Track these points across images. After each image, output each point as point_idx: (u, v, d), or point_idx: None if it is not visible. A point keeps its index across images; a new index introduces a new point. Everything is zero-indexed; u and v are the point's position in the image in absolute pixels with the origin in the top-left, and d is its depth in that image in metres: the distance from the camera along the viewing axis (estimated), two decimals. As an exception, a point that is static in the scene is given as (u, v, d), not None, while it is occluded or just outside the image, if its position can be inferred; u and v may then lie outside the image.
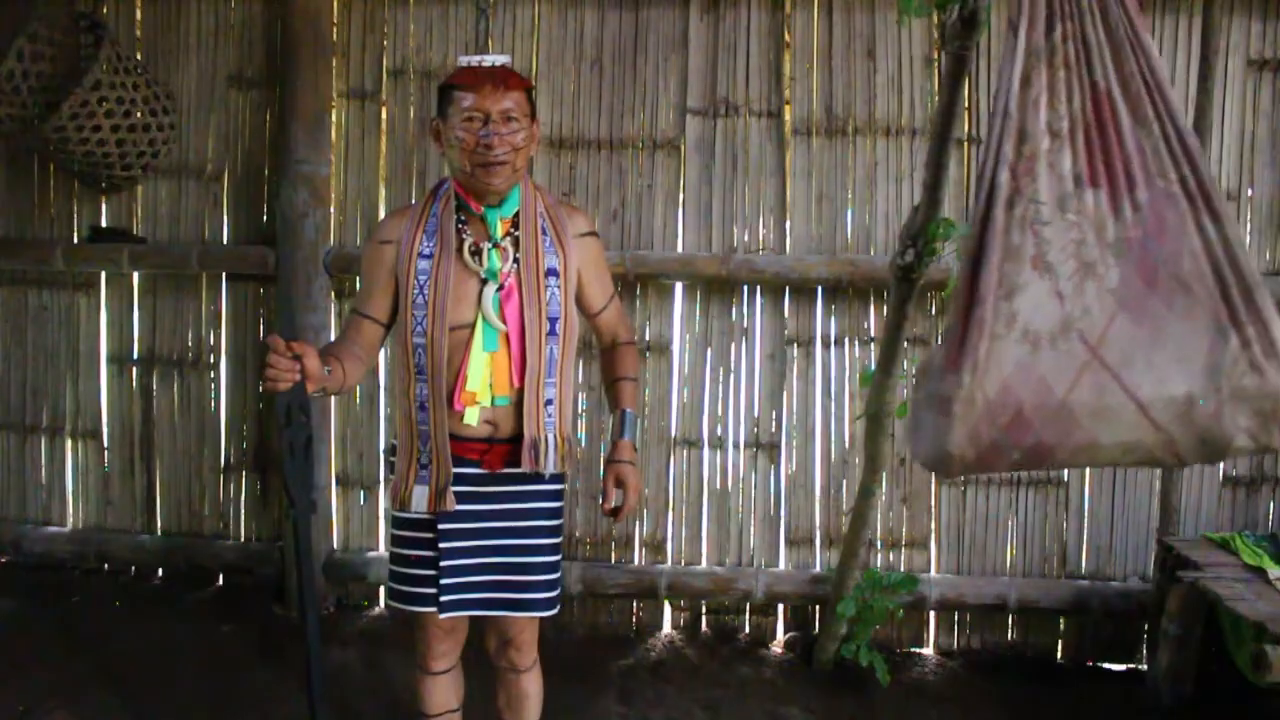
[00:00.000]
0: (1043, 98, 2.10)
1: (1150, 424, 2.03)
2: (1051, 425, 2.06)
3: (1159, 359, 2.03)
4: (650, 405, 4.00)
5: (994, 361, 2.07)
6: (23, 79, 3.93)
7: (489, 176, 2.30)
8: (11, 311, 4.35)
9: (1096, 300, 2.05)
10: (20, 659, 3.57)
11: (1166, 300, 2.04)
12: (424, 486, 2.42)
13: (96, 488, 4.36)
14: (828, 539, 3.97)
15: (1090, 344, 2.04)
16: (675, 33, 3.93)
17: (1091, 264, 2.07)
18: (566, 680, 3.59)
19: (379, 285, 2.45)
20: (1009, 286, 2.09)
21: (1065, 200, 2.09)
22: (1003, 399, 2.06)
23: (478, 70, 2.32)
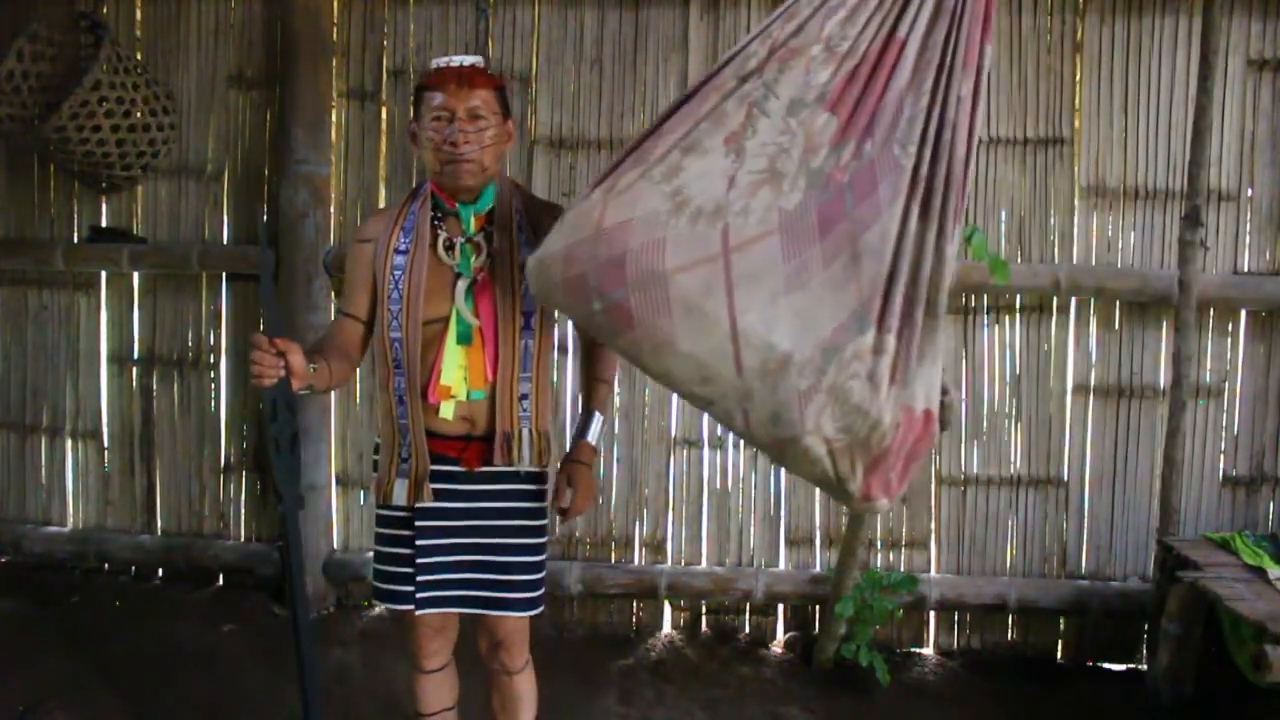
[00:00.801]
0: (841, 12, 2.03)
1: (734, 359, 1.90)
2: (644, 292, 1.93)
3: (784, 303, 1.90)
4: (650, 405, 4.01)
5: (631, 196, 1.98)
6: (23, 79, 3.94)
7: (457, 173, 2.33)
8: (11, 311, 4.35)
9: (762, 209, 1.95)
10: (20, 659, 3.57)
11: (829, 256, 1.93)
12: (405, 480, 2.44)
13: (96, 488, 4.36)
14: (827, 539, 3.98)
15: (728, 243, 1.93)
16: (675, 33, 3.93)
17: (780, 175, 1.97)
18: (567, 680, 3.60)
19: (359, 283, 2.47)
20: (692, 142, 2.01)
21: (796, 107, 2.01)
22: (615, 234, 1.96)
23: (445, 70, 2.35)
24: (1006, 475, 3.92)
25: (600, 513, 4.04)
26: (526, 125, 3.99)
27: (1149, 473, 3.85)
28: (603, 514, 4.04)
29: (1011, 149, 3.85)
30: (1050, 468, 3.91)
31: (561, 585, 3.96)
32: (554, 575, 3.96)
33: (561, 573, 3.96)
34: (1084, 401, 3.89)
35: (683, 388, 2.01)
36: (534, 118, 3.98)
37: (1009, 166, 3.85)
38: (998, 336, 3.91)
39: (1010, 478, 3.92)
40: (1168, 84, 3.79)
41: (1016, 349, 3.90)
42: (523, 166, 3.98)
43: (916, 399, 1.93)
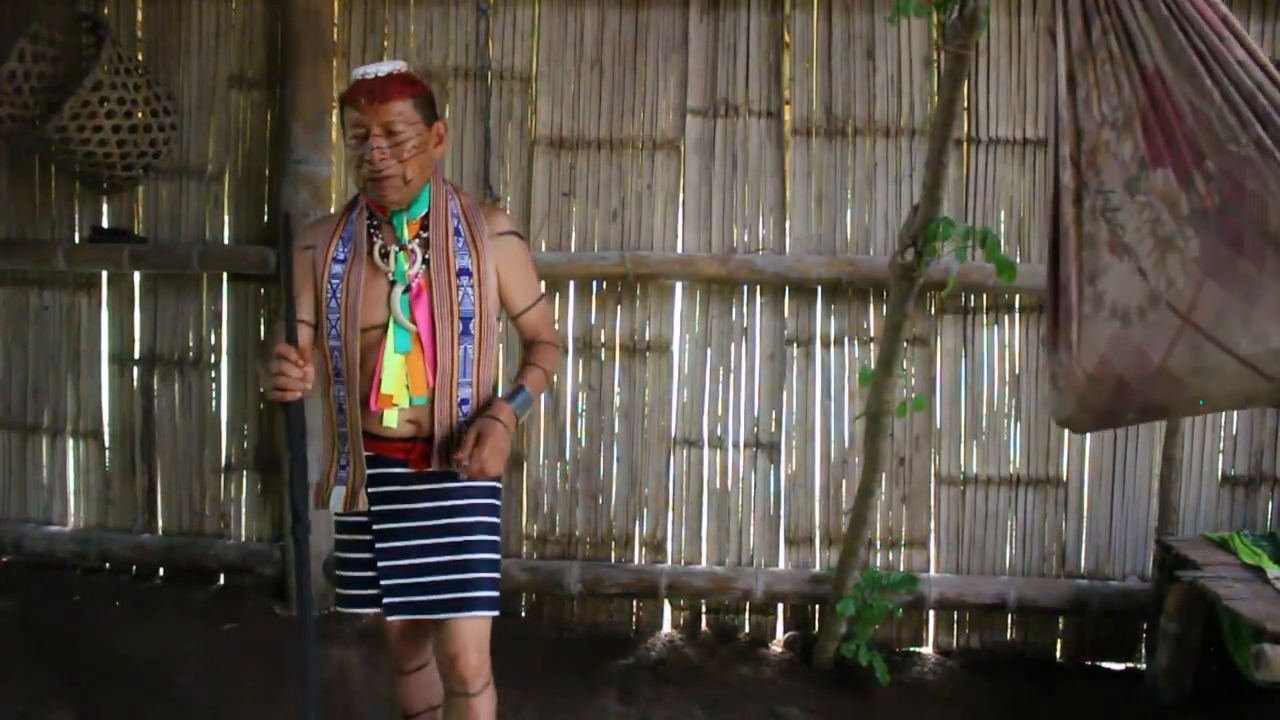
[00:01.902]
0: (1093, 94, 2.14)
1: (1257, 374, 2.07)
2: (1156, 388, 2.14)
3: (1256, 315, 2.04)
4: (650, 405, 4.01)
5: (1086, 339, 2.17)
6: (24, 79, 3.94)
7: (378, 191, 2.31)
8: (13, 312, 4.36)
9: (1181, 271, 2.09)
10: (21, 658, 3.58)
11: (1256, 260, 2.04)
12: (342, 486, 2.43)
13: (97, 487, 4.36)
14: (827, 539, 3.98)
15: (1180, 311, 2.09)
16: (675, 33, 3.94)
17: (1169, 238, 2.10)
18: (567, 679, 3.61)
19: (305, 289, 2.45)
20: (1090, 271, 2.17)
21: (1132, 184, 2.12)
22: (1102, 372, 2.16)
23: (358, 85, 2.31)
24: (1006, 475, 3.93)
25: (600, 512, 4.04)
26: (527, 125, 3.99)
27: (1148, 472, 3.86)
28: (603, 514, 4.04)
29: (1011, 149, 3.85)
30: (1050, 467, 3.91)
31: (562, 585, 3.96)
32: (554, 575, 3.98)
33: (562, 572, 3.97)
34: (1083, 401, 3.89)
35: (1231, 407, 2.39)
36: (534, 118, 3.99)
37: (1009, 166, 3.86)
38: (998, 336, 3.92)
39: (1010, 477, 3.92)
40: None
41: (1016, 349, 3.91)
42: (523, 166, 3.99)
43: None
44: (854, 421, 3.92)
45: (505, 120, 3.99)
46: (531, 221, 3.98)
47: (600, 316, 4.01)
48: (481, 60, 3.97)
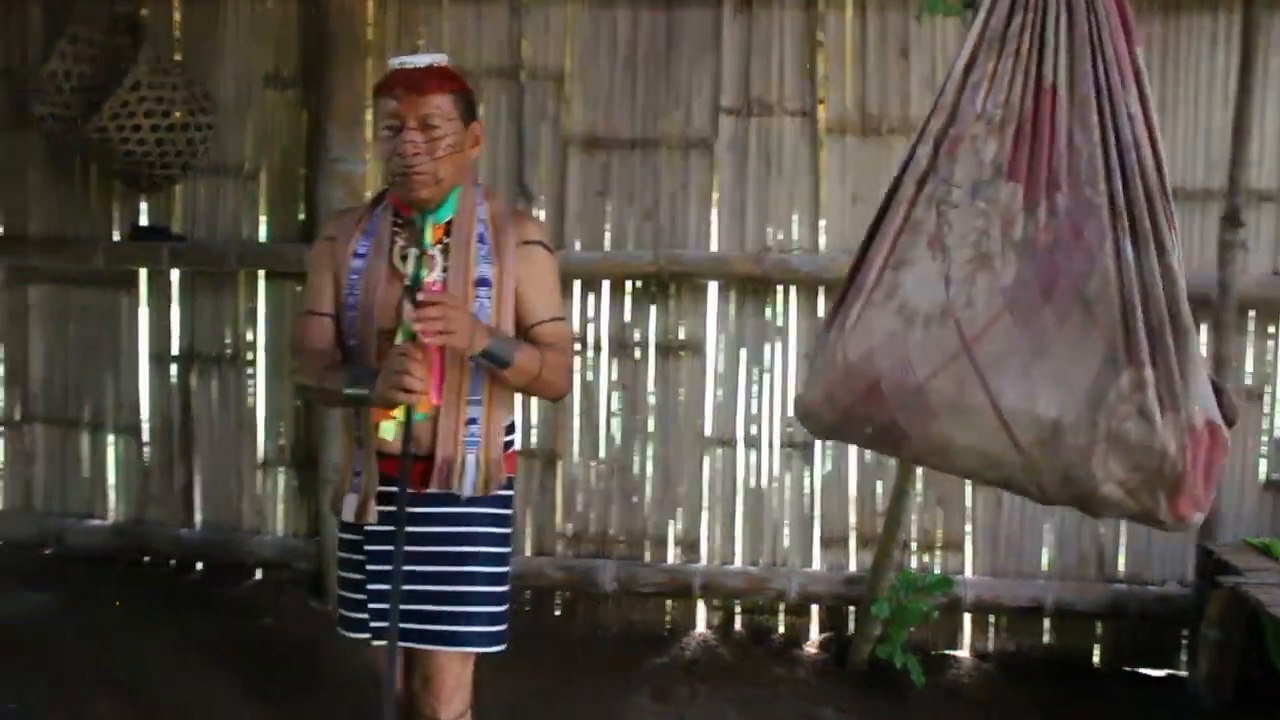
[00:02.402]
0: (984, 84, 2.05)
1: (1010, 440, 1.95)
2: (907, 409, 2.00)
3: (1036, 373, 1.94)
4: (684, 405, 4.01)
5: (863, 326, 2.04)
6: (64, 79, 3.99)
7: (408, 187, 2.16)
8: (54, 309, 4.42)
9: (985, 294, 1.99)
10: (64, 650, 3.64)
11: (1061, 314, 1.95)
12: (354, 495, 2.27)
13: (137, 482, 4.42)
14: (862, 540, 3.96)
15: (965, 337, 1.98)
16: (708, 32, 3.92)
17: (989, 257, 2.00)
18: (601, 678, 3.62)
19: (326, 282, 2.31)
20: (899, 258, 2.06)
21: (979, 188, 2.03)
22: (862, 366, 2.02)
23: (396, 74, 2.17)
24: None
25: (635, 511, 4.05)
26: (561, 125, 3.99)
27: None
28: (637, 513, 4.05)
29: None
30: (1087, 469, 3.87)
31: (596, 583, 3.98)
32: (589, 573, 3.99)
33: (596, 571, 3.98)
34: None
35: (976, 476, 2.11)
36: (568, 117, 3.99)
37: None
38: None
39: (1047, 479, 3.88)
40: (1207, 83, 3.74)
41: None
42: (557, 166, 3.99)
43: (1195, 417, 1.93)
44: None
45: (539, 120, 3.99)
46: (565, 221, 3.99)
47: (634, 316, 4.00)
48: (515, 60, 3.98)
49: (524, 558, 4.05)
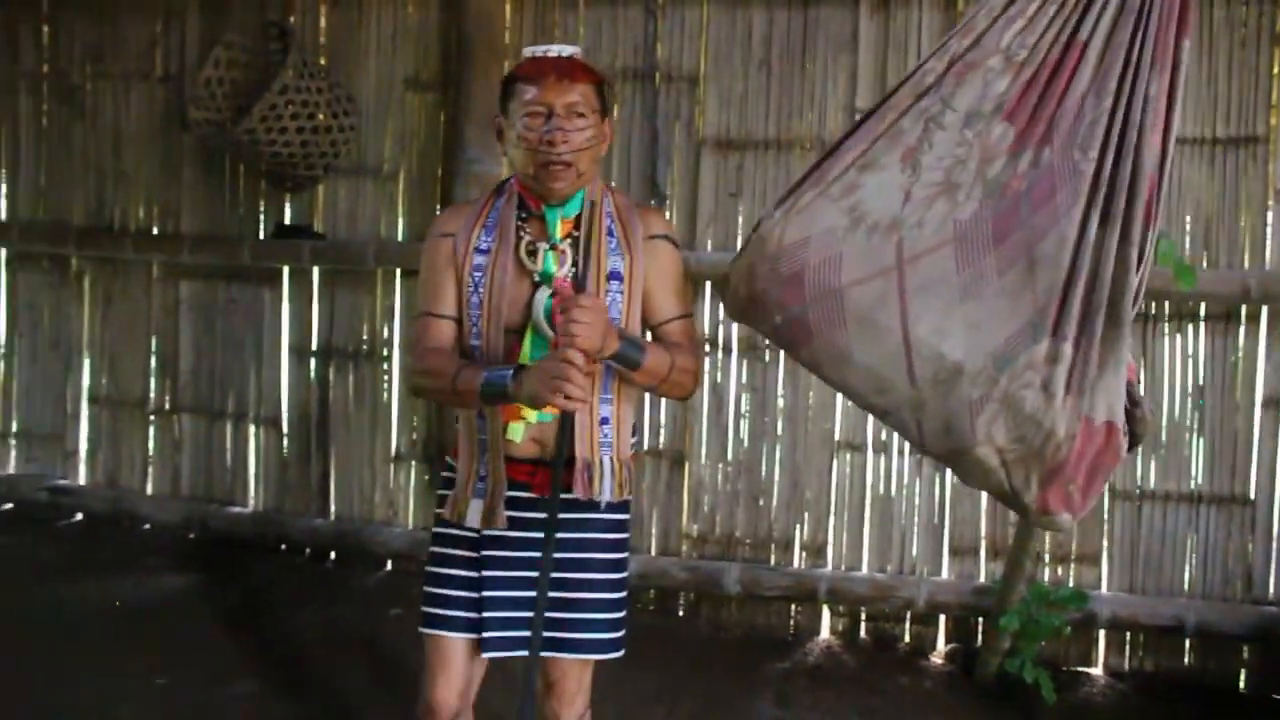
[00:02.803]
0: (1019, 20, 1.98)
1: (907, 369, 1.90)
2: (820, 306, 1.95)
3: (957, 313, 1.88)
4: (814, 408, 3.98)
5: (809, 212, 1.99)
6: (218, 85, 4.16)
7: (550, 179, 2.09)
8: (203, 303, 4.61)
9: (937, 221, 1.93)
10: (205, 631, 3.80)
11: (1003, 264, 1.88)
12: (479, 500, 2.18)
13: (276, 472, 4.58)
14: (993, 550, 3.87)
15: (903, 256, 1.92)
16: (844, 32, 3.88)
17: (956, 187, 1.94)
18: (723, 680, 3.61)
19: (445, 281, 2.21)
20: (870, 160, 2.00)
21: (973, 119, 1.97)
22: (793, 250, 1.98)
23: (541, 61, 2.11)
24: (1186, 491, 3.74)
25: (761, 514, 4.03)
26: (694, 126, 4.00)
27: (1346, 494, 3.63)
28: (764, 516, 4.03)
29: (1199, 149, 3.67)
30: (1236, 485, 3.71)
31: (720, 585, 3.97)
32: (713, 575, 3.99)
33: (721, 573, 3.97)
34: (1275, 415, 3.68)
35: (860, 398, 2.03)
36: (702, 118, 4.00)
37: (1195, 167, 3.67)
38: (1180, 346, 3.74)
39: (1191, 494, 3.74)
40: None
41: (1200, 359, 3.72)
42: (690, 167, 4.00)
43: (1097, 410, 1.87)
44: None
45: (672, 121, 4.00)
46: (697, 222, 4.00)
47: (764, 318, 3.98)
48: (649, 61, 4.00)
49: (649, 557, 4.07)
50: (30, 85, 4.85)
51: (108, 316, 4.80)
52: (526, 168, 2.11)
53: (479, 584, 2.21)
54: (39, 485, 4.89)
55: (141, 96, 4.66)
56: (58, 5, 4.77)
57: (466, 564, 2.22)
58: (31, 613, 3.85)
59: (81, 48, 4.74)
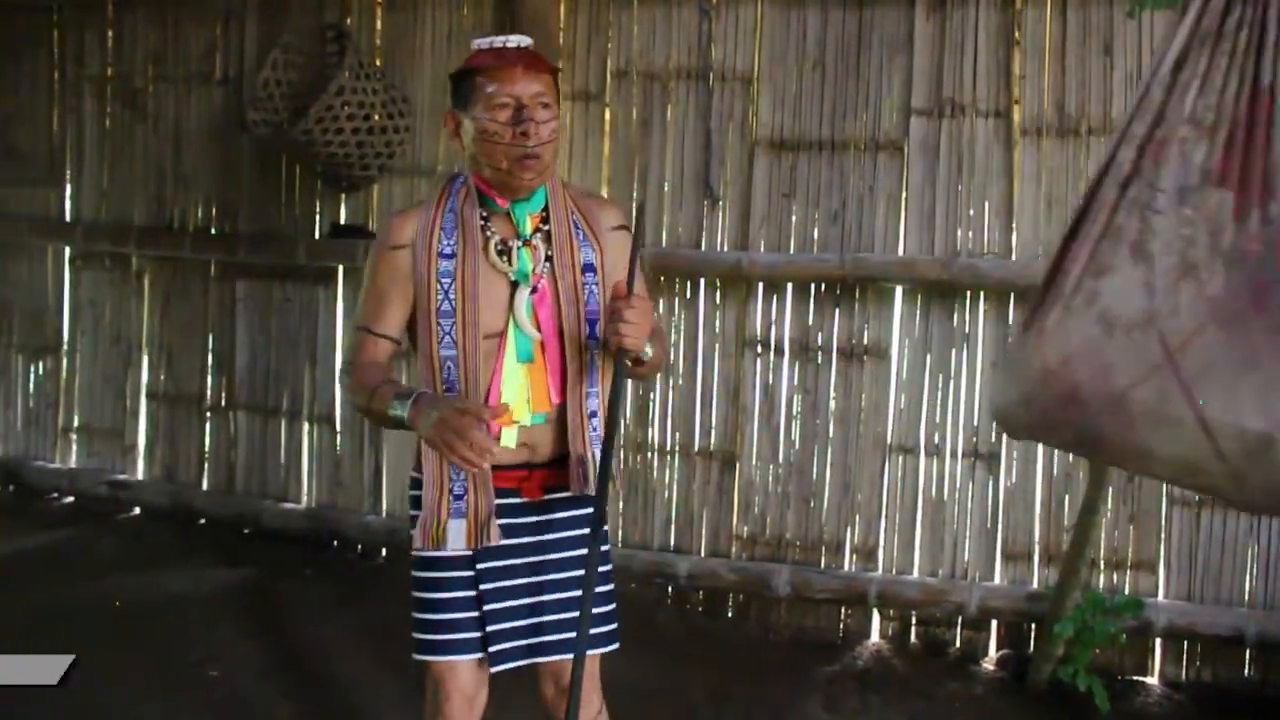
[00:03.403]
0: (1194, 83, 1.93)
1: (1214, 451, 1.85)
2: (1106, 415, 1.92)
3: (1244, 386, 1.83)
4: (866, 410, 3.95)
5: (1062, 332, 1.96)
6: (275, 86, 4.23)
7: (524, 171, 2.01)
8: (258, 302, 4.67)
9: (1190, 304, 1.88)
10: (263, 623, 3.86)
11: (1272, 327, 1.83)
12: (460, 520, 2.10)
13: (329, 469, 4.63)
14: (1046, 555, 3.82)
15: (1169, 347, 1.87)
16: (900, 32, 3.86)
17: (1195, 266, 1.89)
18: (771, 683, 3.60)
19: (393, 298, 2.12)
20: (1100, 265, 1.96)
21: (1186, 194, 1.92)
22: (1060, 372, 1.95)
23: (504, 52, 2.03)
24: (1248, 498, 3.67)
25: (812, 516, 4.01)
26: (748, 126, 4.00)
27: None
28: (814, 518, 4.01)
29: None
30: (1299, 492, 3.64)
31: (770, 587, 3.95)
32: (763, 576, 3.97)
33: (770, 574, 3.96)
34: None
35: (1176, 481, 2.06)
36: (755, 118, 3.99)
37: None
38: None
39: (1252, 501, 3.67)
40: None
41: (1264, 363, 3.65)
42: (743, 167, 4.00)
43: None
44: (1080, 435, 3.74)
45: (726, 121, 4.00)
46: (750, 223, 3.99)
47: (817, 319, 3.97)
48: (703, 61, 4.00)
49: (698, 558, 4.07)
50: (95, 89, 4.96)
51: (166, 314, 4.88)
52: (495, 162, 2.03)
53: (478, 601, 2.14)
54: (99, 479, 4.99)
55: (201, 99, 4.74)
56: (122, 11, 4.87)
57: (461, 584, 2.14)
58: (90, 603, 3.92)
59: (144, 52, 4.84)
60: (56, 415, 5.14)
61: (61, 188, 5.05)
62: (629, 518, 4.17)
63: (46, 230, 5.06)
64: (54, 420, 5.14)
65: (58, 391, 5.12)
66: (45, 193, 5.07)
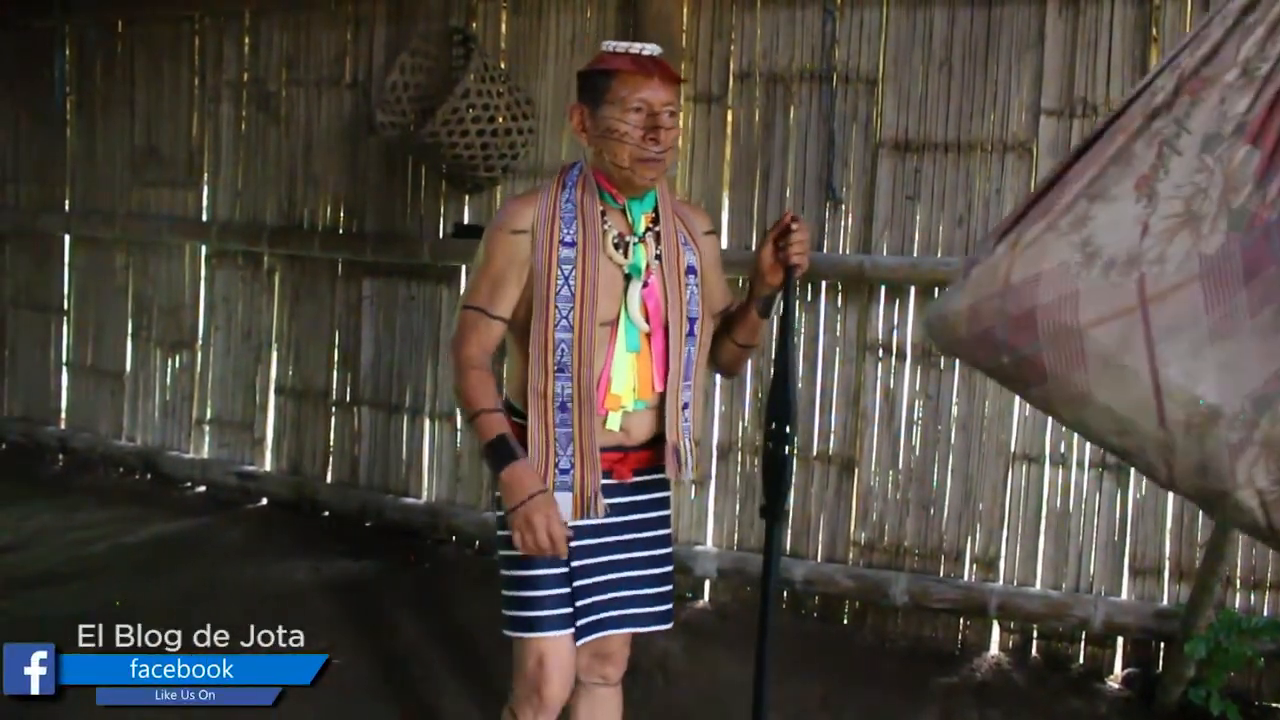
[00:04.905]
0: (1258, 30, 1.81)
1: (1156, 412, 1.76)
2: (1056, 347, 1.83)
3: (1209, 353, 1.74)
4: (989, 417, 3.86)
5: (1038, 249, 1.85)
6: (403, 90, 4.32)
7: (647, 172, 2.16)
8: (384, 300, 4.79)
9: (1180, 256, 1.77)
10: (380, 615, 3.95)
11: (1258, 301, 1.73)
12: (566, 493, 2.20)
13: (448, 465, 4.71)
14: (1178, 572, 3.68)
15: (1146, 293, 1.78)
16: (1030, 30, 3.76)
17: (1198, 218, 1.78)
18: (887, 693, 3.55)
19: (510, 280, 2.22)
20: (1100, 189, 1.86)
21: (1212, 142, 1.80)
22: (1023, 289, 1.85)
23: (643, 59, 2.16)
24: (1399, 518, 3.49)
25: (931, 524, 3.94)
26: (871, 127, 3.95)
27: None
28: (934, 526, 3.94)
29: None
30: None
31: (887, 595, 3.90)
32: (880, 584, 3.92)
33: (888, 582, 3.90)
34: None
35: (1097, 438, 1.94)
36: (879, 120, 3.94)
37: None
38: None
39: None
40: None
41: None
42: (867, 169, 3.95)
43: None
44: (1217, 447, 3.60)
45: (849, 122, 3.96)
46: (873, 226, 3.94)
47: (940, 324, 3.89)
48: (827, 62, 3.97)
49: (814, 564, 4.04)
50: (231, 93, 5.15)
51: (295, 311, 5.04)
52: (620, 160, 2.15)
53: (569, 576, 2.26)
54: (229, 470, 5.18)
55: (331, 102, 4.88)
56: (258, 18, 5.05)
57: (554, 562, 2.23)
58: (217, 591, 4.07)
59: (278, 57, 5.01)
60: (191, 407, 5.35)
61: (199, 188, 5.26)
62: (745, 520, 4.16)
63: (184, 229, 5.28)
64: (189, 412, 5.36)
65: (193, 385, 5.34)
66: (184, 193, 5.29)
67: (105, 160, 5.52)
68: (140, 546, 4.57)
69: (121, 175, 5.46)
